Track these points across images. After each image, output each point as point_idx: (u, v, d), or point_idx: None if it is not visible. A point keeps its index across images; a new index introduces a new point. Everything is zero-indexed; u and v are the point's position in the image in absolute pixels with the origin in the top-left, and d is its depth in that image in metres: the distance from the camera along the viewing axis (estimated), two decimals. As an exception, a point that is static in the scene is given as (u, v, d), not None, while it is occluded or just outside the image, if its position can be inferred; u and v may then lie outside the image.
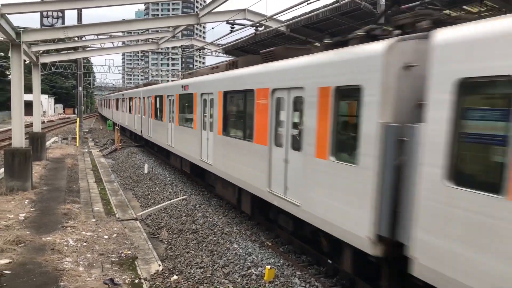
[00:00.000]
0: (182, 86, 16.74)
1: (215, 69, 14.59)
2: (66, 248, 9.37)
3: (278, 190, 8.80)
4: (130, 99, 30.91)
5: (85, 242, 9.87)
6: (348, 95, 6.84)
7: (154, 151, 24.93)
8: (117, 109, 40.55)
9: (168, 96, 18.88)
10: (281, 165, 8.72)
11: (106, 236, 10.41)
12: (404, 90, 5.92)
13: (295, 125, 8.26)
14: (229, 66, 12.80)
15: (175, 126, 17.68)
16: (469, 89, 4.74)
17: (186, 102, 16.13)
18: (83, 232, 10.58)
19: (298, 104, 8.16)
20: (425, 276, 5.20)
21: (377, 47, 6.13)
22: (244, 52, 27.57)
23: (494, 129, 4.55)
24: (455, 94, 4.81)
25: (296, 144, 8.16)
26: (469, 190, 4.63)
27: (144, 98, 25.28)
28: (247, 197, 10.67)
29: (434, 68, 5.10)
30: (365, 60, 6.31)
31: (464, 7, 14.90)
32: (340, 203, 6.75)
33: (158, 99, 21.25)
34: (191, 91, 15.28)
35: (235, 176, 11.04)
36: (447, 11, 15.16)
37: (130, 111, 31.01)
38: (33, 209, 12.59)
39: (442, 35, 5.09)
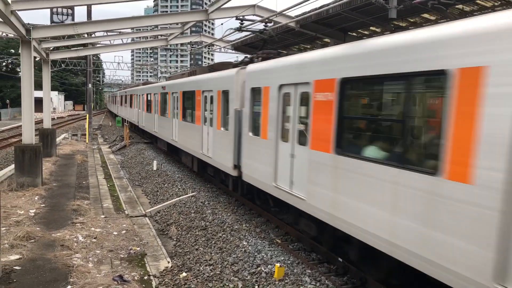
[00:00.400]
0: (162, 87, 23.00)
1: (183, 75, 21.09)
2: (75, 244, 9.38)
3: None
4: (131, 96, 37.50)
5: (95, 238, 9.87)
6: (225, 95, 12.80)
7: (145, 136, 30.86)
8: (121, 104, 47.40)
9: (154, 94, 25.05)
10: None
11: (115, 233, 10.40)
12: (242, 93, 11.75)
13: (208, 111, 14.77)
14: (190, 73, 18.96)
15: (158, 116, 23.76)
16: (256, 93, 10.81)
17: (164, 98, 22.30)
18: (93, 228, 10.58)
19: (211, 99, 14.37)
20: (246, 178, 11.27)
21: (233, 71, 12.39)
22: (253, 48, 27.45)
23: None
24: (252, 93, 11.04)
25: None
26: (254, 135, 10.76)
27: (139, 95, 31.42)
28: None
29: (246, 83, 11.31)
30: (229, 77, 12.51)
31: (477, 1, 14.62)
32: (222, 152, 12.91)
33: (148, 96, 27.40)
34: (166, 91, 21.54)
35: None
36: (460, 6, 14.91)
37: (131, 106, 37.27)
38: (43, 205, 12.63)
39: (250, 67, 11.45)
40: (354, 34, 20.72)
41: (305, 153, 8.27)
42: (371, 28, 19.57)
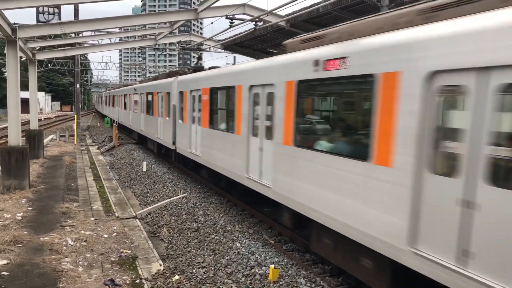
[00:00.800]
0: (134, 89, 28.62)
1: (149, 80, 27.91)
2: (65, 248, 9.17)
3: None
4: (112, 97, 44.26)
5: (85, 241, 9.67)
6: (168, 95, 18.40)
7: (124, 130, 36.18)
8: (106, 104, 53.93)
9: (129, 94, 30.53)
10: None
11: (105, 235, 10.22)
12: (176, 94, 17.48)
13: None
14: (154, 78, 25.46)
15: (132, 113, 28.80)
16: (181, 95, 16.80)
17: (135, 98, 27.65)
18: (82, 231, 10.38)
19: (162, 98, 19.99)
20: (179, 150, 17.02)
21: (172, 79, 18.26)
22: (243, 47, 27.33)
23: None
24: (179, 95, 17.09)
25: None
26: (181, 122, 16.78)
27: (118, 96, 37.69)
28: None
29: (174, 89, 17.68)
30: (170, 83, 18.28)
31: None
32: (166, 134, 18.77)
33: (125, 97, 33.07)
34: (137, 92, 27.04)
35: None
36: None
37: (112, 105, 43.32)
38: (31, 208, 12.38)
39: (179, 78, 17.52)
40: (344, 33, 20.69)
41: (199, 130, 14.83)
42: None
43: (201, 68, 18.85)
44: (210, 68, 16.10)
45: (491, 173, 4.41)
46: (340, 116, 7.37)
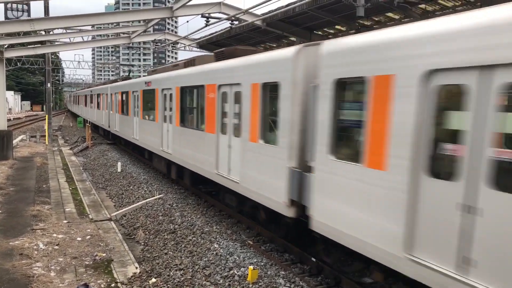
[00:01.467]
0: (90, 91, 36.11)
1: (117, 80, 30.85)
2: (36, 252, 8.86)
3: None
4: (81, 96, 49.09)
5: (57, 245, 9.37)
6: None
7: (90, 124, 35.22)
8: (77, 103, 56.06)
9: (97, 94, 32.71)
10: None
11: (79, 238, 9.93)
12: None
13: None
14: (111, 82, 29.23)
15: (97, 110, 32.51)
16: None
17: (100, 97, 31.34)
18: (55, 235, 10.06)
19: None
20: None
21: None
22: (219, 46, 27.14)
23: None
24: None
25: None
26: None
27: (89, 95, 39.71)
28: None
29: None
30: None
31: (440, 1, 14.96)
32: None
33: (92, 96, 36.45)
34: (98, 92, 31.77)
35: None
36: (423, 6, 15.21)
37: (85, 104, 44.28)
38: (0, 211, 11.92)
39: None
40: (320, 33, 20.81)
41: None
42: (337, 27, 19.70)
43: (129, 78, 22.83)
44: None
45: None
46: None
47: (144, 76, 28.75)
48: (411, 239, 5.08)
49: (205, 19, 18.07)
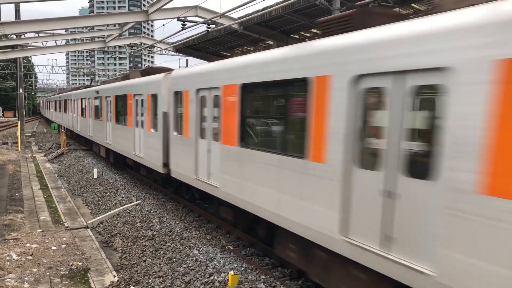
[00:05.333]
0: (59, 97, 39.39)
1: (80, 88, 35.34)
2: (8, 263, 8.57)
3: None
4: (51, 102, 53.02)
5: (31, 255, 9.09)
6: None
7: (63, 129, 36.47)
8: (48, 109, 59.53)
9: (65, 100, 36.30)
10: None
11: (54, 247, 9.66)
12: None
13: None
14: (73, 89, 35.52)
15: (64, 114, 36.58)
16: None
17: (67, 102, 34.93)
18: (28, 244, 9.76)
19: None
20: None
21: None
22: (196, 50, 27.00)
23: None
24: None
25: None
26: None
27: (58, 101, 43.42)
28: None
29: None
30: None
31: (413, 5, 15.25)
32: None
33: (61, 102, 39.83)
34: (65, 98, 35.46)
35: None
36: (397, 9, 15.47)
37: (54, 109, 48.14)
38: (-30, 221, 11.52)
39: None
40: (296, 36, 20.94)
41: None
42: (313, 30, 19.85)
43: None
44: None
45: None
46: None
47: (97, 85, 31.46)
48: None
49: (181, 22, 17.95)
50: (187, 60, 59.28)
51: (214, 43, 24.37)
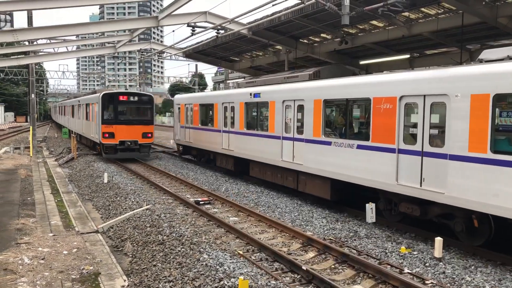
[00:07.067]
0: (78, 101, 34.77)
1: (69, 97, 51.71)
2: (20, 267, 8.66)
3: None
4: (61, 107, 55.04)
5: (42, 259, 9.18)
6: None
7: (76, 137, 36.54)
8: (60, 113, 59.25)
9: (72, 105, 38.35)
10: None
11: (65, 252, 9.75)
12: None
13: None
14: (84, 95, 34.24)
15: (72, 119, 38.97)
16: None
17: (75, 107, 36.41)
18: (40, 248, 9.86)
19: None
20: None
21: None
22: (206, 55, 27.16)
23: None
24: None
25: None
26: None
27: (68, 106, 43.81)
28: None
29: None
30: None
31: (422, 9, 15.20)
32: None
33: (70, 107, 40.94)
34: (73, 104, 37.48)
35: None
36: (406, 13, 15.43)
37: (64, 114, 49.21)
38: (-17, 225, 11.67)
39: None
40: (305, 41, 20.95)
41: None
42: (322, 35, 19.84)
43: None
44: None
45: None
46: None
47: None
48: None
49: (191, 28, 18.08)
50: (196, 65, 59.48)
51: (223, 48, 24.48)
